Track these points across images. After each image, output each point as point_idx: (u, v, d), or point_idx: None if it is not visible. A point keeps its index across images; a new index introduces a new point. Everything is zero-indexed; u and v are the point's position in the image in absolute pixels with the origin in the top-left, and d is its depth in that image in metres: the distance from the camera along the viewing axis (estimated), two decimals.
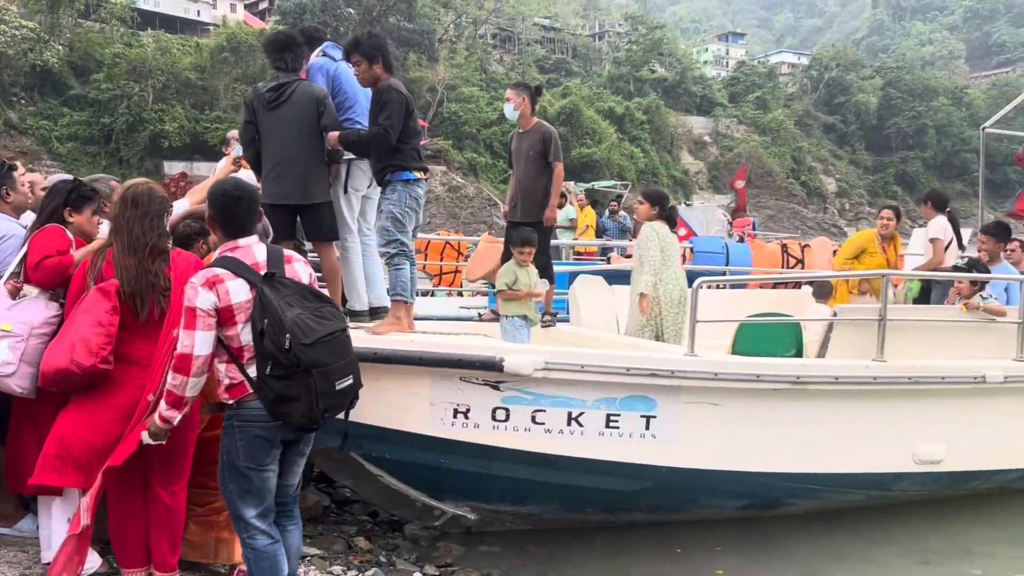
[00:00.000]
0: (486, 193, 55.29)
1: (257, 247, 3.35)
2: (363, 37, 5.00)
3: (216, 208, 3.37)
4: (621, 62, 78.64)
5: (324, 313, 3.21)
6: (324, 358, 3.13)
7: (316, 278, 3.61)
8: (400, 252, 4.99)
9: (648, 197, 6.73)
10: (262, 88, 5.00)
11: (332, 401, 3.22)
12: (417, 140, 5.10)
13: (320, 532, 5.23)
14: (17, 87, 45.80)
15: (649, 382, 4.87)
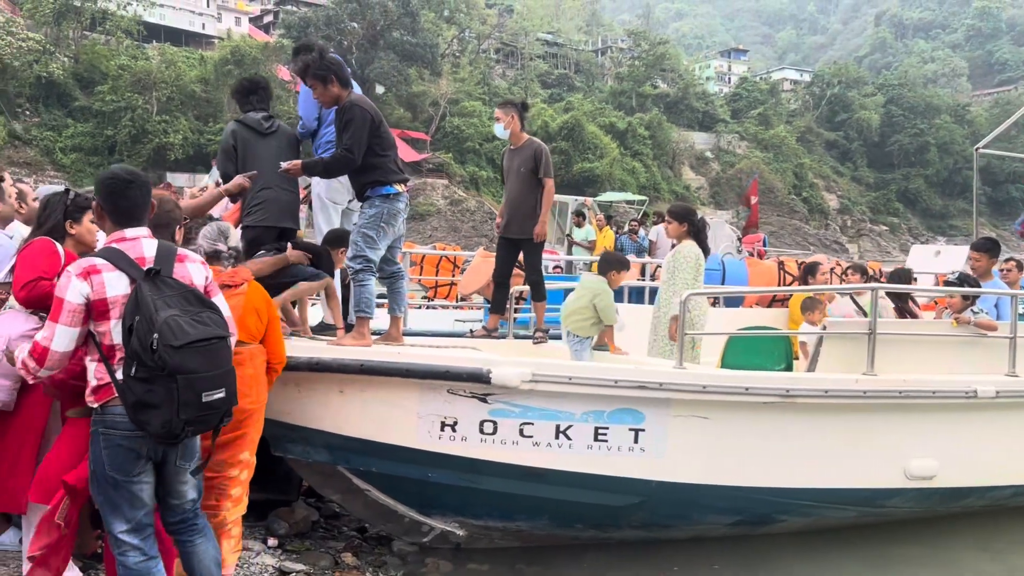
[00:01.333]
0: (487, 207, 55.37)
1: (147, 241, 3.17)
2: (311, 60, 4.98)
3: (104, 194, 3.17)
4: (624, 77, 78.97)
5: (203, 318, 3.01)
6: (192, 364, 2.92)
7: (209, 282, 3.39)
8: (365, 268, 4.96)
9: (675, 215, 6.62)
10: (254, 117, 5.28)
11: (196, 413, 2.96)
12: (393, 151, 5.10)
13: (307, 547, 5.18)
14: (22, 98, 46.02)
15: (637, 395, 4.83)
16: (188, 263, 3.24)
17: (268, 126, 5.28)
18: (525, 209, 6.42)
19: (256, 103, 5.41)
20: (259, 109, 5.38)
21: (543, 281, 6.70)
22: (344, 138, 4.80)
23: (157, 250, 3.15)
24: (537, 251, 6.55)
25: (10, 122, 44.15)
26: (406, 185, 5.12)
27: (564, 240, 15.42)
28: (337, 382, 4.73)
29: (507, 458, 4.85)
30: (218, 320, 3.09)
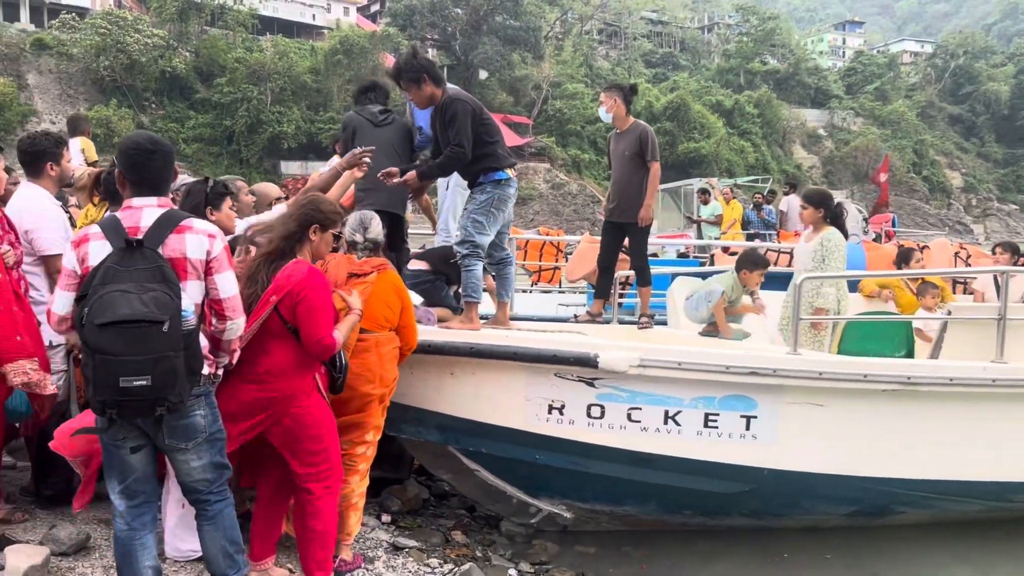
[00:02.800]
0: (589, 190, 55.10)
1: (148, 211, 3.03)
2: (402, 65, 5.02)
3: (127, 164, 3.08)
4: (731, 55, 76.87)
5: (148, 299, 2.79)
6: (111, 346, 2.75)
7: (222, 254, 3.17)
8: (472, 253, 5.00)
9: (811, 200, 6.36)
10: (371, 109, 5.46)
11: (114, 397, 2.80)
12: (500, 137, 5.15)
13: (418, 524, 5.33)
14: (149, 92, 48.71)
15: (750, 381, 4.73)
16: (188, 234, 3.03)
17: (383, 118, 5.44)
18: (630, 193, 6.35)
19: (373, 99, 5.59)
20: (378, 103, 5.55)
21: (648, 266, 6.62)
22: (450, 134, 4.85)
23: (157, 219, 3.01)
24: (642, 236, 6.47)
25: (138, 115, 46.81)
26: (514, 170, 5.15)
27: (690, 223, 15.12)
28: (448, 365, 4.83)
29: (615, 442, 4.84)
30: (164, 302, 2.82)
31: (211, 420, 3.18)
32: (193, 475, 3.16)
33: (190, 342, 2.95)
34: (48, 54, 47.63)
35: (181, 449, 3.10)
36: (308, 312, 3.48)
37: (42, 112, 45.31)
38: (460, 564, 4.74)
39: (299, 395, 3.56)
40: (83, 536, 3.93)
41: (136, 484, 3.11)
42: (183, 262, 3.01)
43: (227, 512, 3.28)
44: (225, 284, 3.13)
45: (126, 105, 46.52)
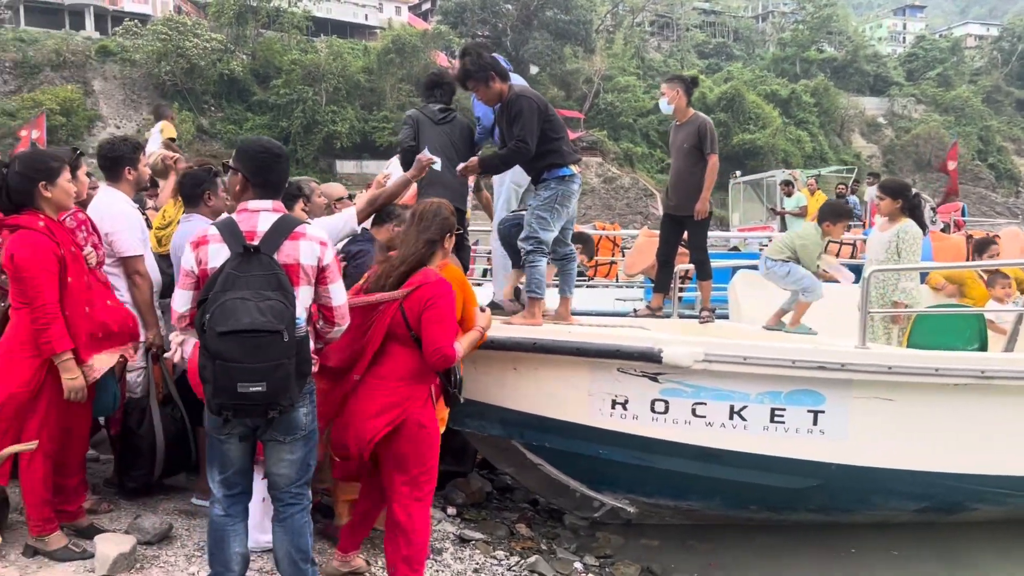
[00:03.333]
0: (642, 183, 54.68)
1: (264, 215, 3.14)
2: (468, 64, 5.03)
3: (254, 167, 3.19)
4: (786, 43, 75.37)
5: (266, 308, 2.90)
6: (230, 353, 2.88)
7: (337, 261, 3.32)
8: (536, 249, 5.01)
9: (888, 190, 6.26)
10: (432, 108, 5.57)
11: (232, 401, 2.93)
12: (564, 133, 5.16)
13: (483, 517, 5.40)
14: (208, 95, 49.84)
15: (817, 375, 4.68)
16: (302, 241, 3.12)
17: (443, 117, 5.53)
18: (689, 186, 6.32)
19: (439, 96, 5.66)
20: (441, 102, 5.62)
21: (708, 259, 6.58)
22: (515, 130, 4.87)
23: (273, 225, 3.11)
24: (701, 229, 6.43)
25: (197, 117, 47.95)
26: (578, 166, 5.17)
27: (772, 215, 14.86)
28: (511, 360, 4.87)
29: (679, 438, 4.83)
30: (281, 312, 2.93)
31: (311, 419, 3.27)
32: (281, 468, 3.25)
33: (301, 348, 3.07)
34: (112, 60, 49.08)
35: (279, 441, 3.21)
36: (432, 320, 3.50)
37: (107, 117, 46.72)
38: (526, 556, 4.80)
39: (415, 403, 3.57)
40: (166, 526, 4.08)
41: (234, 476, 3.26)
42: (296, 268, 3.11)
43: (299, 518, 3.32)
44: (337, 293, 3.25)
45: (187, 108, 47.65)
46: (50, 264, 3.60)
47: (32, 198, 3.67)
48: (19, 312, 3.67)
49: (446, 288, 3.60)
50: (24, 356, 3.64)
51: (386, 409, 3.51)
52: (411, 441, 3.56)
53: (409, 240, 3.70)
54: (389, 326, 3.54)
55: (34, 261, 3.57)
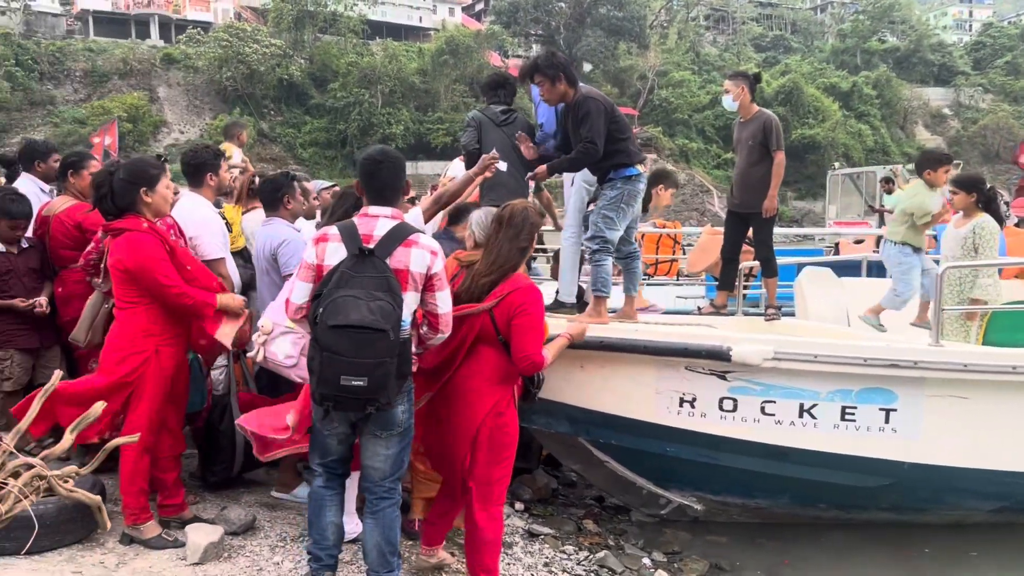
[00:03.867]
0: (698, 180, 54.11)
1: (383, 221, 3.32)
2: (540, 59, 5.10)
3: (361, 174, 3.46)
4: (846, 34, 73.77)
5: (375, 307, 3.04)
6: (338, 346, 3.03)
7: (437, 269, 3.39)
8: (601, 248, 5.04)
9: (961, 184, 6.15)
10: (494, 110, 5.66)
11: (334, 392, 3.08)
12: (631, 133, 5.19)
13: (550, 512, 5.47)
14: (267, 99, 50.94)
15: (889, 373, 4.63)
16: (414, 248, 3.28)
17: (505, 118, 5.62)
18: (754, 182, 6.29)
19: (502, 97, 5.77)
20: (503, 103, 5.73)
21: (774, 257, 6.53)
22: (583, 131, 4.91)
23: (389, 231, 3.28)
24: (767, 226, 6.40)
25: (258, 122, 49.01)
26: (645, 165, 5.21)
27: (870, 211, 14.47)
28: (578, 358, 4.91)
29: (748, 436, 4.83)
30: (389, 312, 3.07)
31: (408, 416, 3.41)
32: (376, 462, 3.40)
33: (403, 349, 3.21)
34: (176, 67, 50.51)
35: (376, 436, 3.37)
36: (522, 328, 3.58)
37: (172, 122, 48.11)
38: (594, 551, 4.86)
39: (500, 405, 3.67)
40: (251, 517, 4.25)
41: (333, 463, 3.51)
42: (406, 273, 3.27)
43: (389, 512, 3.44)
44: (443, 301, 3.39)
45: (247, 113, 48.75)
46: (161, 256, 3.83)
47: (134, 203, 3.89)
48: (124, 312, 3.90)
49: (536, 295, 3.67)
50: (130, 352, 3.85)
51: (478, 409, 3.62)
52: (494, 442, 3.66)
53: (498, 247, 3.71)
54: (479, 330, 3.63)
55: (145, 256, 3.80)
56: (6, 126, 43.17)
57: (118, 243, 3.84)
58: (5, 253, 4.79)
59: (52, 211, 4.95)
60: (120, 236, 3.86)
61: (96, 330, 4.29)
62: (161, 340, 3.90)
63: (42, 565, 3.58)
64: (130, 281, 3.85)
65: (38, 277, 4.92)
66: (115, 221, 3.90)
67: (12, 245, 4.83)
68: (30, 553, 3.56)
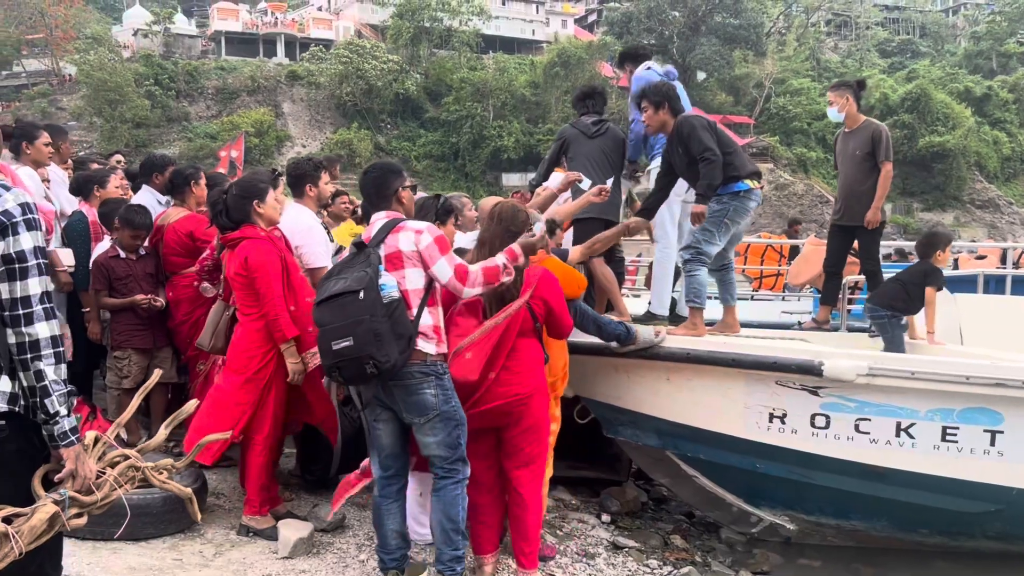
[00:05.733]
0: (817, 190, 52.27)
1: (378, 222, 3.67)
2: (647, 88, 5.14)
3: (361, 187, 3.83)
4: (980, 36, 69.77)
5: (350, 276, 3.36)
6: (322, 318, 3.37)
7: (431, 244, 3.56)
8: (695, 259, 4.97)
9: None
10: (585, 121, 5.70)
11: (332, 361, 3.35)
12: (736, 147, 5.11)
13: (637, 526, 5.44)
14: (384, 114, 52.62)
15: (995, 393, 4.40)
16: (401, 232, 3.57)
17: (596, 130, 5.63)
18: (860, 195, 6.11)
19: (592, 107, 5.80)
20: (593, 113, 5.75)
21: (881, 270, 6.30)
22: (694, 147, 4.87)
23: (381, 225, 3.62)
24: (874, 238, 6.19)
25: (375, 136, 50.71)
26: (760, 181, 5.07)
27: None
28: (664, 370, 4.91)
29: (841, 454, 4.68)
30: (360, 277, 3.34)
31: (443, 399, 3.54)
32: (429, 449, 3.58)
33: (393, 311, 3.38)
34: (300, 84, 52.87)
35: (416, 424, 3.56)
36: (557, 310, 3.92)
37: (295, 137, 50.36)
38: (679, 567, 4.80)
39: (538, 394, 3.84)
40: (340, 516, 4.43)
41: (387, 460, 3.69)
42: (398, 254, 3.54)
43: (451, 489, 3.59)
44: (441, 271, 3.55)
45: (365, 127, 50.51)
46: (276, 265, 4.15)
47: (248, 215, 4.20)
48: (246, 318, 4.22)
49: (552, 277, 3.97)
50: (256, 352, 4.17)
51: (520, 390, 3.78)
52: (532, 426, 3.86)
53: (491, 241, 3.92)
54: (520, 325, 3.80)
55: (264, 262, 4.11)
56: (145, 141, 46.23)
57: (243, 246, 4.14)
58: (125, 259, 5.20)
59: (167, 221, 5.33)
60: (238, 245, 4.15)
61: (219, 335, 4.58)
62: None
63: (147, 551, 3.87)
64: (249, 287, 4.13)
65: (154, 281, 5.31)
66: (232, 233, 4.19)
67: (132, 252, 5.24)
68: (135, 539, 3.87)
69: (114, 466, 2.44)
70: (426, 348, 3.50)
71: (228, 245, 4.24)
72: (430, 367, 3.51)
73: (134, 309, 5.15)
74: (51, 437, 2.24)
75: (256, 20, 59.73)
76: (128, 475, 2.45)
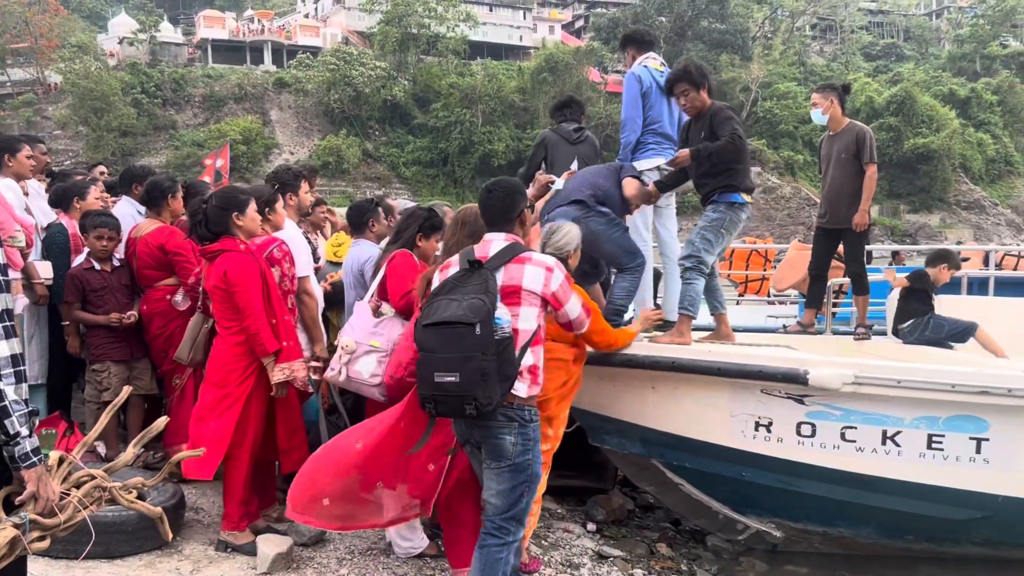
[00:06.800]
0: (804, 193, 52.55)
1: (495, 243, 3.41)
2: (690, 66, 5.08)
3: (479, 205, 3.63)
4: (964, 39, 70.38)
5: (466, 305, 3.08)
6: (428, 343, 3.10)
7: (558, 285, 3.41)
8: (695, 267, 4.96)
9: None
10: (566, 128, 5.70)
11: (432, 392, 3.10)
12: (748, 163, 5.10)
13: (623, 534, 5.40)
14: (372, 120, 52.61)
15: (980, 400, 4.37)
16: (528, 264, 3.32)
17: (577, 136, 5.68)
18: (845, 197, 6.12)
19: (569, 115, 5.84)
20: (571, 120, 5.75)
21: (866, 273, 6.30)
22: (723, 131, 4.85)
23: (500, 249, 3.36)
24: (859, 241, 6.19)
25: (363, 142, 50.69)
26: (751, 196, 5.09)
27: None
28: (649, 378, 4.86)
29: (827, 462, 4.64)
30: (479, 308, 3.07)
31: (520, 450, 3.29)
32: (490, 496, 3.35)
33: (503, 349, 3.14)
34: (287, 91, 52.83)
35: (489, 467, 3.34)
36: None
37: (283, 144, 50.27)
38: None
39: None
40: (321, 530, 4.36)
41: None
42: (518, 289, 3.30)
43: (495, 551, 3.32)
44: (572, 310, 3.52)
45: (353, 134, 50.46)
46: (257, 278, 4.07)
47: (227, 227, 4.15)
48: (226, 332, 4.15)
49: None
50: (235, 366, 4.11)
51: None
52: None
53: (458, 244, 3.81)
54: None
55: (245, 276, 4.04)
56: (132, 150, 46.06)
57: (223, 259, 4.08)
58: (100, 271, 5.13)
59: (139, 233, 5.24)
60: (217, 257, 4.09)
61: (198, 349, 4.52)
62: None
63: (122, 569, 3.80)
64: (228, 300, 4.07)
65: (129, 293, 5.23)
66: (211, 244, 4.13)
67: (106, 263, 5.16)
68: (111, 557, 3.80)
69: (79, 486, 2.38)
70: (518, 390, 3.26)
71: (207, 257, 4.18)
72: (516, 411, 3.28)
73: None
74: (12, 458, 2.17)
75: (243, 28, 59.66)
76: (94, 495, 2.39)
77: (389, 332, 4.10)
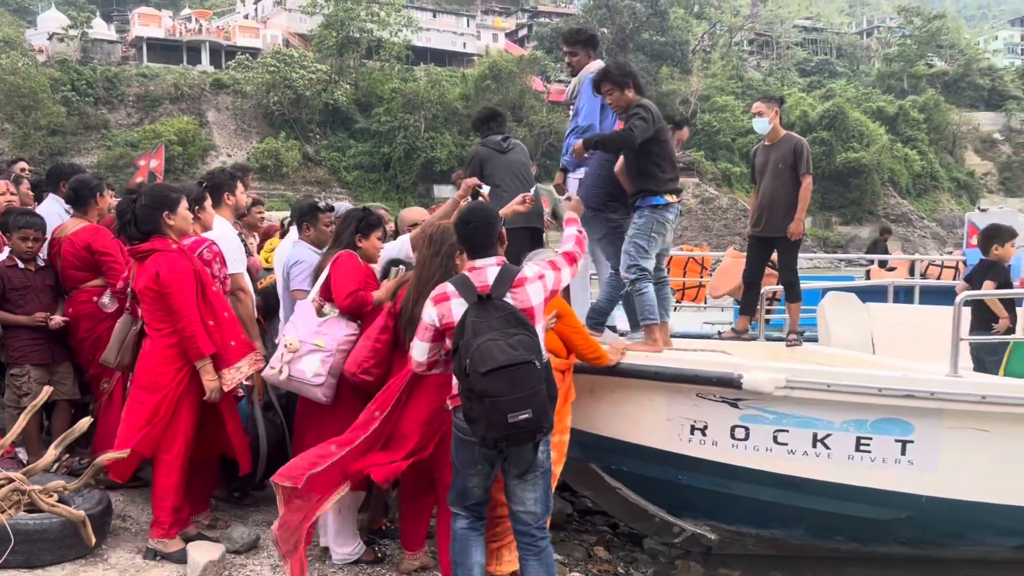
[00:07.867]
0: (741, 204, 53.65)
1: (491, 269, 3.46)
2: (611, 67, 5.16)
3: (457, 235, 3.60)
4: (892, 58, 72.96)
5: (515, 343, 3.17)
6: (495, 389, 3.11)
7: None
8: (640, 277, 5.04)
9: None
10: (494, 139, 5.67)
11: (505, 432, 3.16)
12: (670, 165, 5.16)
13: (561, 538, 5.41)
14: (313, 124, 51.91)
15: (905, 404, 4.52)
16: (527, 284, 3.44)
17: (506, 145, 5.65)
18: (780, 206, 6.22)
19: (494, 128, 5.79)
20: (497, 133, 5.74)
21: (798, 281, 6.45)
22: (631, 120, 4.94)
23: (498, 275, 3.43)
24: (792, 250, 6.32)
25: (303, 146, 49.97)
26: (678, 196, 5.18)
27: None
28: (588, 383, 4.89)
29: (760, 465, 4.74)
30: (529, 343, 3.21)
31: (545, 455, 3.49)
32: (526, 505, 3.47)
33: (548, 372, 3.35)
34: (225, 92, 51.80)
35: (521, 480, 3.45)
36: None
37: (220, 146, 49.26)
38: None
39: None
40: (254, 536, 4.28)
41: (474, 507, 3.61)
42: (532, 311, 3.43)
43: (549, 551, 3.56)
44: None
45: (293, 137, 49.73)
46: (190, 279, 3.97)
47: (158, 226, 4.03)
48: (156, 333, 4.03)
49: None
50: (165, 369, 3.99)
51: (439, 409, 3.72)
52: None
53: (423, 264, 3.88)
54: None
55: (178, 277, 3.93)
56: (61, 149, 44.57)
57: (154, 259, 3.96)
58: (23, 269, 4.93)
59: (63, 233, 5.05)
60: (148, 257, 3.97)
61: (126, 351, 4.35)
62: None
63: None
64: (158, 301, 3.95)
65: (53, 295, 5.03)
66: (142, 244, 4.01)
67: (30, 263, 4.97)
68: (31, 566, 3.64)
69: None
70: None
71: (137, 257, 4.06)
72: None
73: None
74: None
75: (180, 27, 58.28)
76: (12, 499, 2.30)
77: (333, 332, 4.06)
